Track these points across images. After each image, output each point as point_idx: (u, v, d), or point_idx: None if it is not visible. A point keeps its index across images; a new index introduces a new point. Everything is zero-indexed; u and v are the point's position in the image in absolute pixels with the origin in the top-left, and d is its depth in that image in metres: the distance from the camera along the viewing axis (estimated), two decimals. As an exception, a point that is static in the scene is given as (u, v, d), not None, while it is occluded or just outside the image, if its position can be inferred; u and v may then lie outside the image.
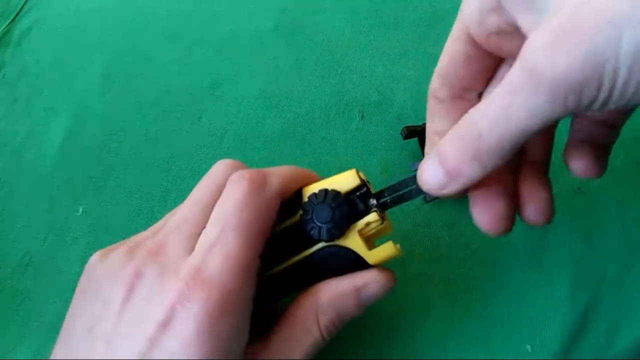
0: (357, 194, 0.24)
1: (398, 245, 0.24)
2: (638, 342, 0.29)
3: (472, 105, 0.21)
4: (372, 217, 0.23)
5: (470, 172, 0.20)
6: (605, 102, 0.16)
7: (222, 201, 0.23)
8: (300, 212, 0.24)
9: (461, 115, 0.21)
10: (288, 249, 0.24)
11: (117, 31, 0.43)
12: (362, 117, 0.37)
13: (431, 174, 0.21)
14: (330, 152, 0.36)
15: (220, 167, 0.26)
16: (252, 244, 0.22)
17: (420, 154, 0.33)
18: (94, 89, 0.40)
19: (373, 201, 0.24)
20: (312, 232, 0.23)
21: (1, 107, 0.40)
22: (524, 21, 0.19)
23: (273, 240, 0.24)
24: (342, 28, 0.41)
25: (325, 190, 0.24)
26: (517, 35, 0.20)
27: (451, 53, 0.23)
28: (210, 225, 0.23)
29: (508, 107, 0.18)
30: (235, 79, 0.40)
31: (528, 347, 0.29)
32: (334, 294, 0.24)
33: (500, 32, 0.21)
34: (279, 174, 0.25)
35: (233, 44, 0.41)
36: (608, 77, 0.16)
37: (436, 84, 0.24)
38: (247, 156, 0.36)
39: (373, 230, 0.24)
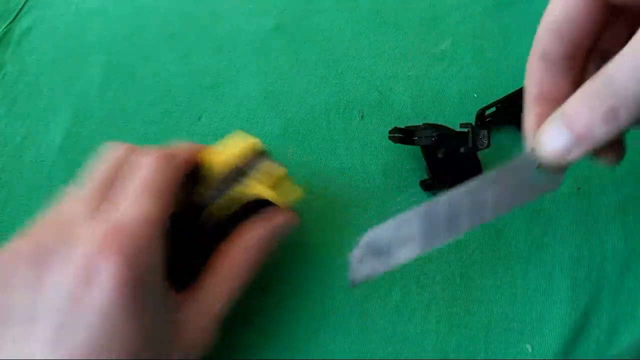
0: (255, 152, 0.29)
1: (299, 187, 0.30)
2: (638, 342, 0.29)
3: (585, 67, 0.21)
4: (269, 165, 0.28)
5: (601, 131, 0.19)
6: None
7: (133, 173, 0.26)
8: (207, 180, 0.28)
9: (576, 76, 0.21)
10: (201, 212, 0.28)
11: (117, 31, 0.43)
12: (362, 117, 0.37)
13: (555, 138, 0.20)
14: (330, 152, 0.36)
15: (115, 150, 0.27)
16: (162, 204, 0.25)
17: (421, 155, 0.33)
18: (94, 89, 0.40)
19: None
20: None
21: (1, 107, 0.40)
22: None
23: (189, 206, 0.27)
24: (342, 28, 0.41)
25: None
26: None
27: (567, 3, 0.21)
28: (121, 191, 0.25)
29: None
30: (235, 79, 0.40)
31: (528, 347, 0.29)
32: (252, 237, 0.28)
33: None
34: (182, 147, 0.28)
35: (233, 44, 0.41)
36: None
37: (548, 40, 0.22)
38: (247, 156, 0.36)
39: (274, 178, 0.28)
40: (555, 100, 0.22)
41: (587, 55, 0.23)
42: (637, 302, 0.30)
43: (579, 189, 0.33)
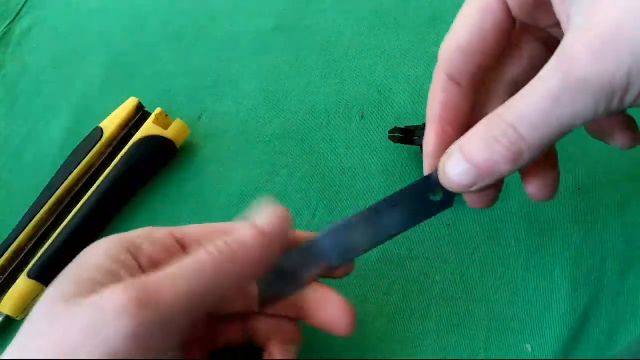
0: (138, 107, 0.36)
1: (183, 121, 0.36)
2: (638, 342, 0.29)
3: (490, 90, 0.21)
4: (158, 111, 0.35)
5: (506, 169, 0.19)
6: None
7: None
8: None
9: (480, 100, 0.21)
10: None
11: (117, 31, 0.43)
12: (362, 117, 0.37)
13: (459, 171, 0.20)
14: (330, 152, 0.36)
15: None
16: None
17: (421, 155, 0.33)
18: (94, 89, 0.40)
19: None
20: None
21: (1, 107, 0.40)
22: (560, 9, 0.18)
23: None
24: (342, 28, 0.41)
25: None
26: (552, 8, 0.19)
27: (478, 23, 0.21)
28: None
29: (549, 111, 0.17)
30: (235, 79, 0.40)
31: (528, 347, 0.29)
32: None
33: (538, 2, 0.20)
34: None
35: (233, 44, 0.41)
36: None
37: (452, 60, 0.21)
38: (247, 156, 0.36)
39: (162, 120, 0.35)
40: (456, 123, 0.22)
41: (491, 78, 0.23)
42: (637, 302, 0.30)
43: (579, 189, 0.33)
